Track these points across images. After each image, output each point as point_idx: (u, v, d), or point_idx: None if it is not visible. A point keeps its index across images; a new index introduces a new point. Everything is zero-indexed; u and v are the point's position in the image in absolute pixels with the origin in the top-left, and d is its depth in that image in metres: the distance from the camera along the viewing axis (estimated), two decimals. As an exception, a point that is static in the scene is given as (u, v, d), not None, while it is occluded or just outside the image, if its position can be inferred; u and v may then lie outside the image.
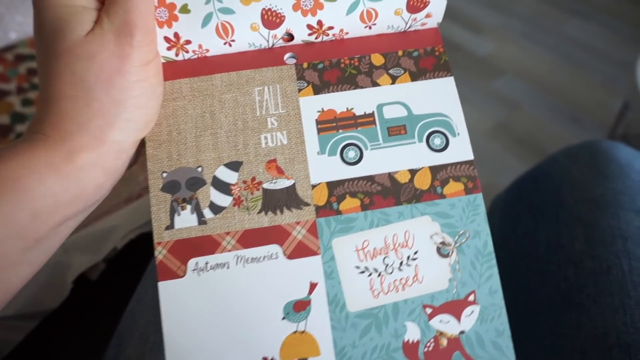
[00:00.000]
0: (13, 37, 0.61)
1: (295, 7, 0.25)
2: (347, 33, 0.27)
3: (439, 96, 0.26)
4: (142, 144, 0.26)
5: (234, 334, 0.24)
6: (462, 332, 0.24)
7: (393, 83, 0.26)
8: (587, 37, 1.48)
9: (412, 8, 0.26)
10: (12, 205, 0.21)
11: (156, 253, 0.24)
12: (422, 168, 0.25)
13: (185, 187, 0.25)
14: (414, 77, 0.27)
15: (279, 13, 0.25)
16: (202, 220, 0.25)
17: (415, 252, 0.25)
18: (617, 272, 0.31)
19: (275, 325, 0.24)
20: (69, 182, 0.22)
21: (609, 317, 0.29)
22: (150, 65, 0.23)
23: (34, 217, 0.21)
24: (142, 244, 0.49)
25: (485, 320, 0.24)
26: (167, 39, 0.25)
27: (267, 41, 0.27)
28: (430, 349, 0.24)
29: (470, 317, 0.24)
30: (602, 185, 0.36)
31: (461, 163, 0.25)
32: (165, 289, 0.24)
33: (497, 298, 0.24)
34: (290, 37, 0.27)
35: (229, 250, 0.24)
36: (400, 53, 0.27)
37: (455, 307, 0.24)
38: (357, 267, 0.24)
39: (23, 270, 0.23)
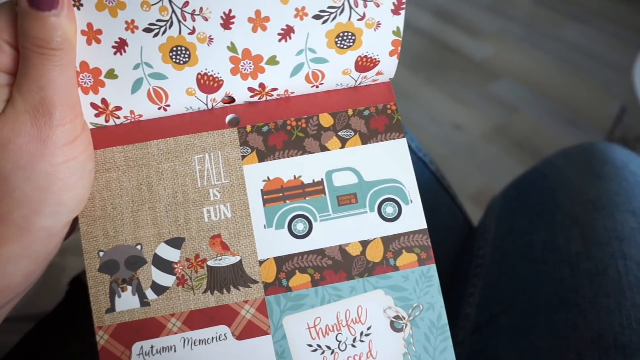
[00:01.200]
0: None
1: (234, 71, 0.24)
2: (292, 92, 0.25)
3: (391, 160, 0.25)
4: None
5: None
6: None
7: (343, 147, 0.25)
8: (585, 41, 1.48)
9: (361, 68, 0.25)
10: None
11: (97, 338, 0.23)
12: (374, 239, 0.24)
13: (124, 267, 0.24)
14: (365, 140, 0.25)
15: (216, 77, 0.24)
16: (144, 302, 0.24)
17: (369, 328, 0.24)
18: (613, 273, 0.31)
19: None
20: None
21: (605, 318, 0.29)
22: (76, 142, 0.21)
23: None
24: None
25: None
26: (94, 105, 0.24)
27: (206, 104, 0.25)
28: None
29: None
30: (597, 187, 0.36)
31: (414, 232, 0.24)
32: None
33: None
34: (230, 99, 0.25)
35: (175, 333, 0.23)
36: (350, 112, 0.26)
37: None
38: (310, 345, 0.24)
39: None
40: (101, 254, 0.24)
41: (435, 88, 1.36)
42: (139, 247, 0.24)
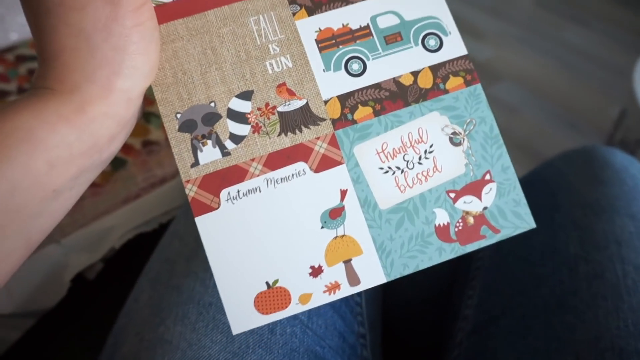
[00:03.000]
0: (14, 38, 0.61)
1: None
2: None
3: (426, 0, 0.28)
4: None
5: (278, 251, 0.25)
6: (485, 208, 0.26)
7: None
8: (586, 44, 1.48)
9: None
10: (28, 155, 0.21)
11: (187, 191, 0.25)
12: (423, 69, 0.27)
13: (202, 124, 0.26)
14: None
15: None
16: (225, 152, 0.26)
17: (431, 146, 0.26)
18: (611, 276, 0.31)
19: (316, 235, 0.25)
20: (82, 132, 0.22)
21: (602, 321, 0.29)
22: (142, 9, 0.23)
23: (50, 168, 0.21)
24: (140, 244, 0.49)
25: (502, 194, 0.26)
26: None
27: None
28: (460, 228, 0.26)
29: (489, 194, 0.26)
30: (597, 190, 0.36)
31: (457, 59, 0.27)
32: (203, 223, 0.25)
33: (510, 173, 0.27)
34: None
35: (258, 175, 0.25)
36: None
37: (475, 188, 0.26)
38: (381, 168, 0.26)
39: (42, 221, 0.22)
40: (178, 115, 0.26)
41: (436, 89, 1.36)
42: (212, 104, 0.26)
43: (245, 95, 0.26)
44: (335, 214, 0.25)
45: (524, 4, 1.67)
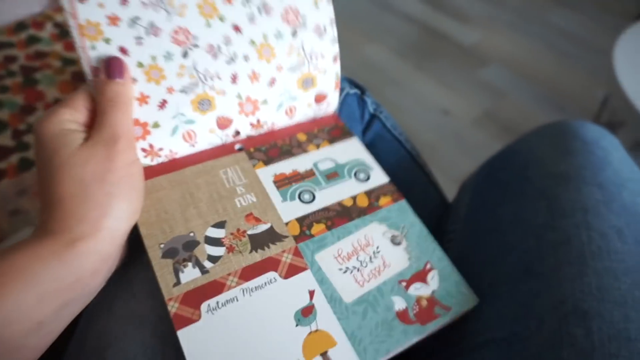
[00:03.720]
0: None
1: (240, 112, 0.35)
2: (275, 125, 0.37)
3: (351, 149, 0.37)
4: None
5: (259, 353, 0.27)
6: (433, 292, 0.31)
7: (318, 148, 0.37)
8: (573, 27, 1.48)
9: (317, 100, 0.38)
10: (21, 290, 0.24)
11: (169, 307, 0.28)
12: (359, 193, 0.35)
13: (183, 250, 0.30)
14: (331, 142, 0.37)
15: (229, 117, 0.35)
16: (204, 271, 0.29)
17: (377, 247, 0.32)
18: (576, 242, 0.31)
19: (292, 333, 0.28)
20: (70, 266, 0.25)
21: (566, 285, 0.29)
22: (133, 165, 0.29)
23: (39, 301, 0.24)
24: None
25: (444, 279, 0.31)
26: (143, 149, 0.33)
27: (221, 139, 0.36)
28: (417, 310, 0.30)
29: (434, 280, 0.31)
30: (566, 161, 0.36)
31: (383, 185, 0.35)
32: (185, 335, 0.27)
33: (445, 262, 0.32)
34: (237, 133, 0.36)
35: (234, 287, 0.29)
36: (315, 131, 0.38)
37: (420, 276, 0.31)
38: (340, 269, 0.31)
39: (24, 355, 0.24)
40: (162, 245, 0.30)
41: (424, 74, 1.35)
42: (192, 234, 0.31)
43: (220, 225, 0.31)
44: (307, 312, 0.28)
45: (511, -13, 1.66)
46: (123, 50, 0.31)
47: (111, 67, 0.30)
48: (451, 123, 1.20)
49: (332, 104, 0.39)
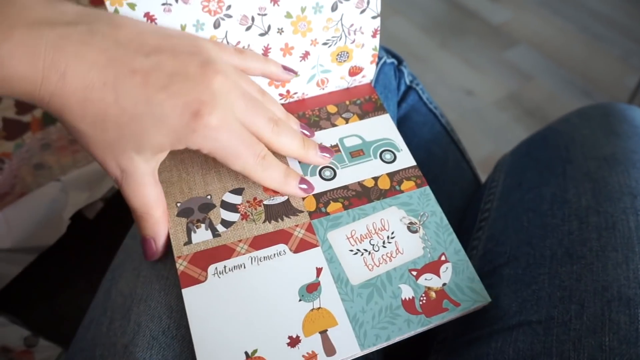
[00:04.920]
0: None
1: (269, 83, 0.34)
2: (306, 94, 0.36)
3: (381, 127, 0.36)
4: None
5: (258, 321, 0.27)
6: (444, 284, 0.30)
7: (347, 123, 0.36)
8: (607, 10, 1.42)
9: (352, 74, 0.37)
10: None
11: (177, 265, 0.28)
12: (382, 175, 0.33)
13: (198, 211, 0.30)
14: (361, 117, 0.36)
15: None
16: (216, 234, 0.29)
17: (392, 233, 0.31)
18: (623, 227, 0.30)
19: (294, 308, 0.27)
20: None
21: (611, 271, 0.28)
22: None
23: None
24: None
25: (458, 273, 0.30)
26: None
27: None
28: (424, 301, 0.29)
29: (446, 272, 0.30)
30: (613, 144, 0.35)
31: (408, 168, 0.34)
32: (190, 294, 0.27)
33: (461, 255, 0.31)
34: None
35: (243, 254, 0.29)
36: (347, 102, 0.37)
37: (433, 267, 0.30)
38: (351, 250, 0.30)
39: None
40: (178, 204, 0.30)
41: (449, 52, 1.31)
42: (209, 197, 0.31)
43: (237, 191, 0.31)
44: (311, 289, 0.28)
45: (546, -35, 1.60)
46: (149, 16, 0.29)
47: None
48: (474, 103, 1.17)
49: (367, 76, 0.38)
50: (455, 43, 1.33)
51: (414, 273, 0.30)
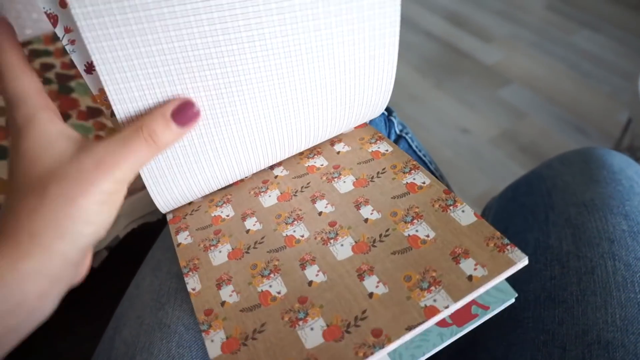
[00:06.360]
0: (28, 33, 0.62)
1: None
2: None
3: None
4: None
5: None
6: None
7: None
8: (596, 49, 1.47)
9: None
10: None
11: None
12: None
13: None
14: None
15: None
16: None
17: None
18: (601, 272, 0.31)
19: None
20: (10, 290, 0.22)
21: (590, 315, 0.29)
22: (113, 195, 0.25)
23: None
24: (144, 233, 0.50)
25: None
26: None
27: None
28: (453, 312, 0.28)
29: None
30: (592, 190, 0.36)
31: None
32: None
33: None
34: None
35: None
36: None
37: None
38: None
39: None
40: None
41: (444, 91, 1.36)
42: None
43: None
44: None
45: (535, 7, 1.66)
46: None
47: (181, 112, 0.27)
48: (470, 141, 1.20)
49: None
50: (450, 83, 1.37)
51: None
